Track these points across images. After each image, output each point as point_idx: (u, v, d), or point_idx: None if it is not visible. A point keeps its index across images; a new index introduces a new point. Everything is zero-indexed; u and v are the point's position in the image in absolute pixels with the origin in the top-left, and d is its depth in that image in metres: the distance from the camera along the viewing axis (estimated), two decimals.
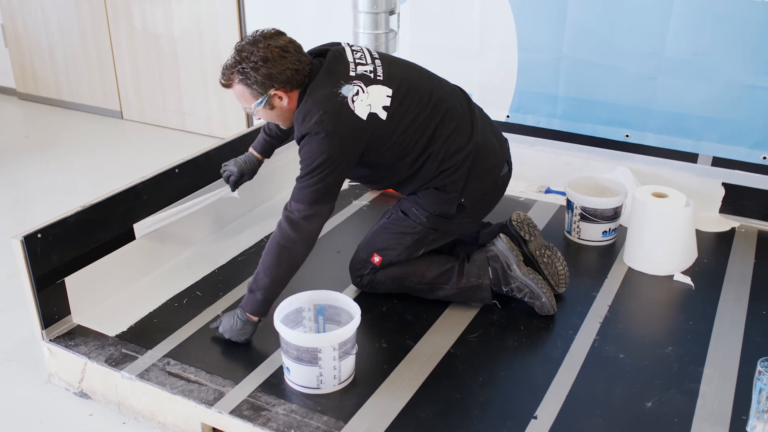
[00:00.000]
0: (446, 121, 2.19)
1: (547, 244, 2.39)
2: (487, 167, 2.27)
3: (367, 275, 2.36)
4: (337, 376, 1.92)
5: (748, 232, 2.82)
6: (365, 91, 2.08)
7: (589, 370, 2.03)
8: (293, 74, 2.05)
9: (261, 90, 2.05)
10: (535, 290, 2.24)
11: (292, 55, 2.05)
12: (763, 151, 2.83)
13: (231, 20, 4.17)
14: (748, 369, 1.94)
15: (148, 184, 2.47)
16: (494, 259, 2.28)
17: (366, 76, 2.11)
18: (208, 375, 2.00)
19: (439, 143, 2.18)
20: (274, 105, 2.10)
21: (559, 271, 2.35)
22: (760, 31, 2.67)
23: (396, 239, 2.32)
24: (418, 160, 2.19)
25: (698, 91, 2.86)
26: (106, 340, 2.16)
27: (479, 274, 2.27)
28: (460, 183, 2.22)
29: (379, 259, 2.33)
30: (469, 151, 2.21)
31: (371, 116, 2.07)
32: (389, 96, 2.11)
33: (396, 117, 2.11)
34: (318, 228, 2.09)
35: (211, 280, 2.49)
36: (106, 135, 4.60)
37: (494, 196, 2.38)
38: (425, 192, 2.27)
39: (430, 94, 2.20)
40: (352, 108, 2.04)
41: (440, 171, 2.20)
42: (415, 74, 2.25)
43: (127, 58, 4.67)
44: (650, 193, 2.56)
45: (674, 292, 2.43)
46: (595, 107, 3.08)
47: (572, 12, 2.98)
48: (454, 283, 2.28)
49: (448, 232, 2.34)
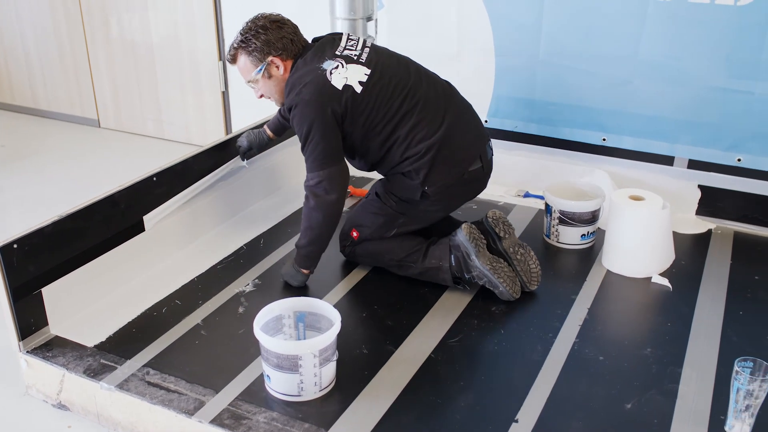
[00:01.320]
0: (416, 111, 2.34)
1: (520, 243, 2.46)
2: (454, 160, 2.38)
3: (348, 246, 2.57)
4: (318, 383, 1.92)
5: (724, 234, 2.86)
6: (344, 67, 2.30)
7: (569, 373, 2.04)
8: (289, 43, 2.34)
9: (260, 56, 2.33)
10: (492, 280, 2.33)
11: (289, 27, 2.37)
12: (737, 153, 2.86)
13: (208, 27, 4.16)
14: (726, 369, 1.96)
15: (125, 193, 2.45)
16: (456, 248, 2.39)
17: (349, 57, 2.34)
18: (188, 384, 1.99)
19: (405, 131, 2.33)
20: (272, 74, 2.37)
21: (531, 269, 2.41)
22: (733, 35, 2.71)
23: (370, 219, 2.50)
24: (385, 144, 2.35)
25: (673, 95, 2.89)
26: (84, 351, 2.15)
27: (440, 257, 2.40)
28: (423, 171, 2.34)
29: (357, 234, 2.53)
30: (434, 143, 2.33)
31: (346, 87, 2.28)
32: (366, 74, 2.31)
33: (369, 94, 2.30)
34: (338, 188, 2.32)
35: (190, 289, 2.48)
36: (83, 144, 4.57)
37: (462, 189, 2.47)
38: (393, 177, 2.44)
39: (406, 85, 2.35)
40: (329, 78, 2.27)
41: (404, 158, 2.35)
42: (398, 65, 2.42)
43: (104, 66, 4.64)
44: (627, 196, 2.58)
45: (652, 294, 2.45)
46: (572, 111, 3.11)
47: (548, 17, 3.00)
48: (420, 262, 2.42)
49: (416, 218, 2.48)
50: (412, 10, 3.28)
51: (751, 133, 2.81)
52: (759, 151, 2.82)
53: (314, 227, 2.36)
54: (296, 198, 3.14)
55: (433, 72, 2.51)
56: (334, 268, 2.61)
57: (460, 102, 2.49)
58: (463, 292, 2.43)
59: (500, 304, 2.36)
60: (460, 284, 2.43)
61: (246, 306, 2.36)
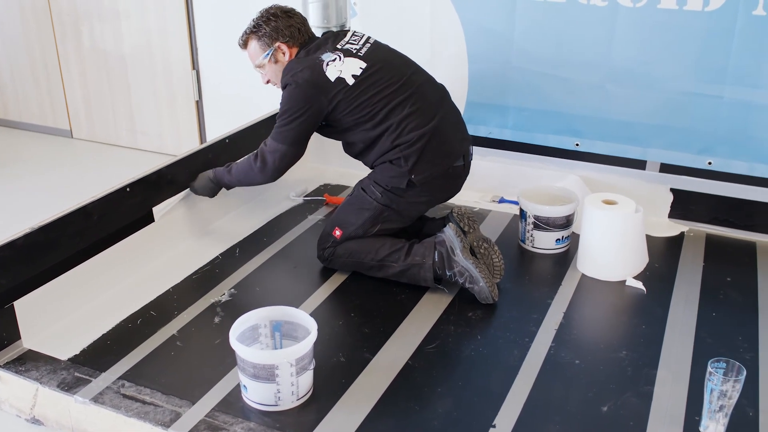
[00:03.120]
0: (410, 101, 2.45)
1: (484, 237, 2.51)
2: (441, 152, 2.47)
3: (329, 248, 2.58)
4: (295, 393, 1.91)
5: (696, 236, 2.89)
6: (342, 60, 2.45)
7: (546, 377, 2.05)
8: (296, 32, 2.53)
9: (269, 41, 2.52)
10: (474, 274, 2.36)
11: (298, 18, 2.56)
12: (708, 156, 2.90)
13: (181, 36, 4.14)
14: (700, 370, 1.98)
15: (98, 204, 2.43)
16: (441, 243, 2.43)
17: (348, 50, 2.49)
18: (164, 396, 1.97)
19: (397, 119, 2.43)
20: (278, 59, 2.54)
21: (495, 263, 2.47)
22: (701, 40, 2.75)
23: (355, 215, 2.55)
24: (376, 129, 2.45)
25: (644, 100, 2.93)
26: (58, 365, 2.12)
27: (424, 254, 2.44)
28: (412, 159, 2.42)
29: (340, 233, 2.55)
30: (424, 133, 2.43)
31: (339, 79, 2.42)
32: (361, 68, 2.45)
33: (361, 86, 2.43)
34: (277, 165, 2.52)
35: (165, 299, 2.46)
36: (55, 155, 4.52)
37: (446, 184, 2.55)
38: (381, 166, 2.50)
39: (403, 76, 2.49)
40: (324, 69, 2.43)
41: (395, 145, 2.44)
42: (398, 60, 2.58)
43: (76, 76, 4.61)
44: (600, 200, 2.61)
45: (627, 297, 2.47)
46: (545, 117, 3.13)
47: (520, 24, 3.03)
48: (402, 260, 2.46)
49: (400, 211, 2.53)
50: (384, 18, 3.29)
51: (720, 136, 2.85)
52: (729, 154, 2.86)
53: (242, 179, 2.66)
54: (271, 207, 3.14)
55: (432, 75, 2.65)
56: (311, 277, 2.60)
57: (451, 104, 2.63)
58: (440, 298, 2.43)
59: (477, 309, 2.37)
60: (440, 284, 2.46)
61: (222, 316, 2.35)
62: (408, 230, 2.64)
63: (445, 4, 3.15)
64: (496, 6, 3.05)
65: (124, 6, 4.27)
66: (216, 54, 4.15)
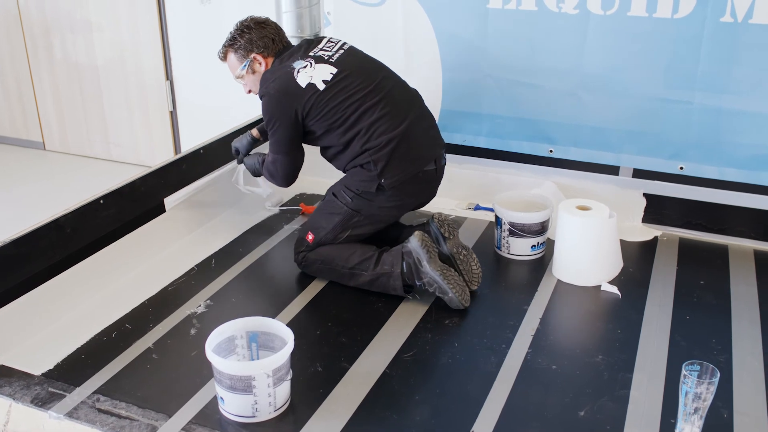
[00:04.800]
0: (380, 106, 2.48)
1: (463, 245, 2.53)
2: (411, 156, 2.49)
3: (302, 252, 2.62)
4: (273, 404, 1.90)
5: (669, 240, 2.92)
6: (313, 66, 2.50)
7: (523, 383, 2.06)
8: (270, 42, 2.59)
9: (245, 53, 2.59)
10: (442, 286, 2.36)
11: (271, 28, 2.61)
12: (679, 161, 2.94)
13: (155, 46, 4.13)
14: (675, 373, 1.99)
15: (71, 217, 2.41)
16: (408, 254, 2.43)
17: (320, 57, 2.53)
18: (140, 410, 1.95)
19: (367, 123, 2.46)
20: (255, 69, 2.61)
21: (473, 270, 2.48)
22: (671, 47, 2.79)
23: (326, 219, 2.58)
24: (347, 134, 2.48)
25: (617, 106, 2.96)
26: (31, 380, 2.09)
27: (392, 263, 2.45)
28: (381, 163, 2.45)
29: (312, 237, 2.59)
30: (393, 137, 2.45)
31: (309, 85, 2.46)
32: (332, 73, 2.48)
33: (332, 91, 2.46)
34: (281, 173, 2.63)
35: (140, 312, 2.44)
36: (27, 167, 4.48)
37: (416, 188, 2.56)
38: (352, 170, 2.54)
39: (373, 81, 2.52)
40: (295, 77, 2.48)
41: (364, 149, 2.47)
42: (370, 65, 2.61)
43: (49, 88, 4.57)
44: (575, 206, 2.63)
45: (602, 302, 2.49)
46: (519, 124, 3.15)
47: (492, 33, 3.05)
48: (372, 269, 2.47)
49: (370, 216, 2.55)
50: (358, 27, 3.30)
51: (691, 141, 2.89)
52: (700, 158, 2.90)
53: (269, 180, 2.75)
54: (247, 218, 3.13)
55: (405, 80, 2.67)
56: (287, 287, 2.60)
57: (423, 109, 2.65)
58: (417, 306, 2.43)
59: (454, 317, 2.37)
60: (411, 293, 2.47)
61: (198, 328, 2.34)
62: (384, 238, 2.65)
63: (418, 14, 3.17)
64: (469, 15, 3.08)
65: (96, 18, 4.25)
66: (190, 64, 4.14)
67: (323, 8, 3.39)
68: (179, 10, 4.07)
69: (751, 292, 2.53)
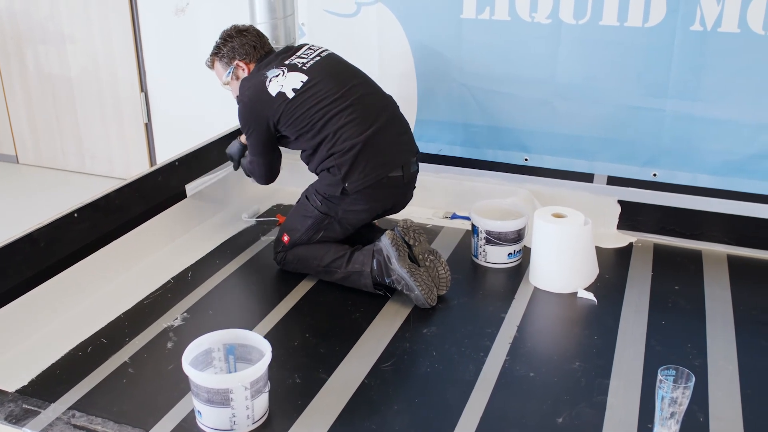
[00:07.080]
0: (347, 112, 2.53)
1: (431, 250, 2.57)
2: (376, 161, 2.53)
3: (280, 253, 2.71)
4: (251, 416, 1.89)
5: (644, 246, 2.95)
6: (285, 75, 2.56)
7: (502, 391, 2.06)
8: (251, 49, 2.69)
9: (228, 61, 2.71)
10: (409, 283, 2.42)
11: (252, 36, 2.72)
12: (653, 168, 2.97)
13: (129, 57, 4.11)
14: (652, 378, 2.00)
15: (45, 231, 2.38)
16: (378, 252, 2.50)
17: (294, 65, 2.60)
18: (116, 425, 1.93)
19: (334, 128, 2.51)
20: (238, 75, 2.71)
21: (440, 275, 2.52)
22: (643, 55, 2.82)
23: (299, 221, 2.66)
24: (315, 138, 2.54)
25: (590, 114, 2.99)
26: (5, 397, 2.06)
27: (363, 262, 2.52)
28: (345, 167, 2.50)
29: (288, 239, 2.67)
30: (358, 142, 2.50)
31: (279, 94, 2.54)
32: (302, 82, 2.55)
33: (301, 98, 2.53)
34: (260, 172, 2.78)
35: (116, 326, 2.42)
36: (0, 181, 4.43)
37: (383, 193, 2.60)
38: (321, 174, 2.61)
39: (342, 87, 2.56)
40: (266, 85, 2.55)
41: (330, 153, 2.53)
42: (344, 72, 2.66)
43: (21, 100, 4.53)
44: (550, 214, 2.64)
45: (578, 309, 2.51)
46: (494, 133, 3.17)
47: (466, 43, 3.07)
48: (344, 267, 2.55)
49: (340, 219, 2.61)
50: (332, 37, 3.31)
51: (664, 148, 2.92)
52: (672, 165, 2.94)
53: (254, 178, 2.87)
54: (223, 229, 3.11)
55: (380, 87, 2.72)
56: (264, 298, 2.59)
57: (395, 115, 2.68)
58: (395, 316, 2.44)
59: (432, 326, 2.38)
60: (381, 290, 2.53)
61: (175, 341, 2.32)
62: (358, 240, 2.69)
63: (392, 24, 3.19)
64: (443, 25, 3.10)
65: (69, 29, 4.22)
66: (164, 76, 4.12)
67: (298, 19, 3.39)
68: (153, 21, 4.06)
69: (725, 296, 2.56)
